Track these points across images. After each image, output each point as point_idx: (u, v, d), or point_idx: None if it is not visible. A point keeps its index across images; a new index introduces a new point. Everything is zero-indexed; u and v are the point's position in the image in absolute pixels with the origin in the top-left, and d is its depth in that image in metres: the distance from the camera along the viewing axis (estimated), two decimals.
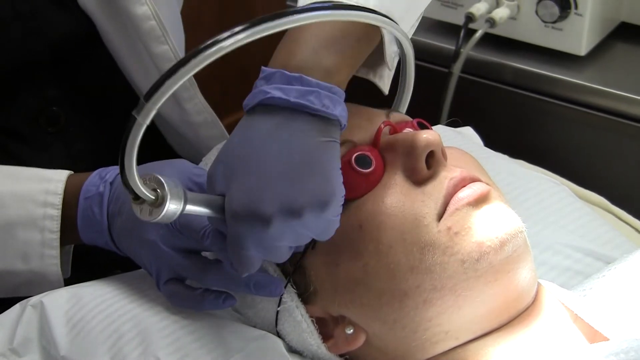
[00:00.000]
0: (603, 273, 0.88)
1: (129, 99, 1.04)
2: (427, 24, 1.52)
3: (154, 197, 0.68)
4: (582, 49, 1.40)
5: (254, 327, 0.82)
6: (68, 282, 0.90)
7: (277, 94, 0.71)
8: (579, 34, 1.39)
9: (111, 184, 0.85)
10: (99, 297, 0.85)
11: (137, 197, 0.69)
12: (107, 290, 0.86)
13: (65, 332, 0.82)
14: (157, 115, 1.04)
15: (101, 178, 0.86)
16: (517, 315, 0.78)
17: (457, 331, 0.76)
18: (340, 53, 0.74)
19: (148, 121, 0.66)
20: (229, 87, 1.94)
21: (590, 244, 0.98)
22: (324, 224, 0.71)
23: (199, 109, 1.05)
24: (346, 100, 0.74)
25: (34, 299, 0.85)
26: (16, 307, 0.86)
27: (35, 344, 0.83)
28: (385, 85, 0.88)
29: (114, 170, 0.87)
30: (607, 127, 1.40)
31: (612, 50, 1.47)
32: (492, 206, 0.76)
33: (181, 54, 1.03)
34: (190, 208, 0.70)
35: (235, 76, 1.93)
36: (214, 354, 0.78)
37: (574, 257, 0.96)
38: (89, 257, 0.92)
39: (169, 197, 0.68)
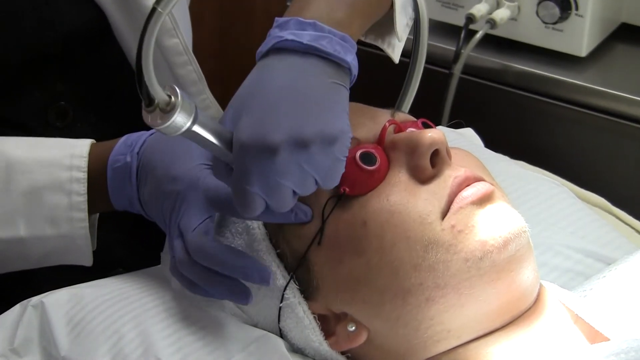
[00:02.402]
0: (603, 274, 0.88)
1: (136, 96, 1.04)
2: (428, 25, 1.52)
3: (167, 100, 0.67)
4: (583, 50, 1.40)
5: (255, 326, 0.82)
6: (69, 282, 0.90)
7: (290, 37, 0.72)
8: (580, 35, 1.39)
9: (137, 154, 0.86)
10: (100, 297, 0.85)
11: (149, 103, 0.67)
12: (108, 290, 0.86)
13: (65, 332, 0.82)
14: None
15: (127, 146, 0.86)
16: (519, 316, 0.78)
17: (459, 330, 0.76)
18: (351, 7, 0.77)
19: (168, 10, 0.66)
20: (229, 87, 1.94)
21: (591, 245, 0.98)
22: (329, 162, 0.71)
23: (206, 104, 1.05)
24: (349, 99, 0.74)
25: (34, 299, 0.85)
26: (17, 308, 0.86)
27: (35, 345, 0.83)
28: (395, 55, 0.91)
29: (138, 138, 0.87)
30: (607, 128, 1.40)
31: (612, 51, 1.47)
32: (496, 205, 0.76)
33: (190, 48, 1.04)
34: (199, 129, 0.69)
35: (235, 76, 1.93)
36: (214, 355, 0.78)
37: (574, 258, 0.96)
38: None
39: (180, 105, 0.67)
